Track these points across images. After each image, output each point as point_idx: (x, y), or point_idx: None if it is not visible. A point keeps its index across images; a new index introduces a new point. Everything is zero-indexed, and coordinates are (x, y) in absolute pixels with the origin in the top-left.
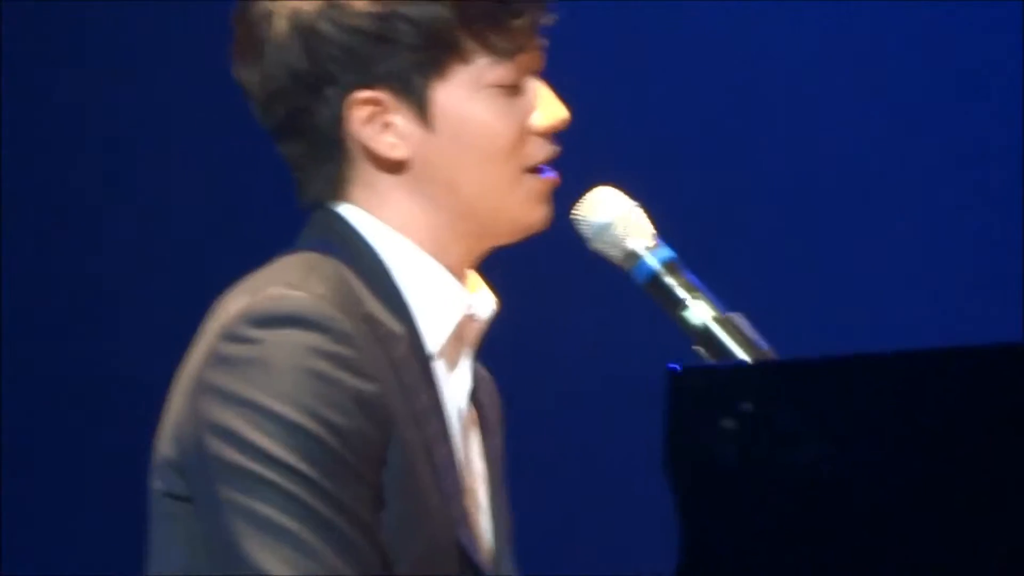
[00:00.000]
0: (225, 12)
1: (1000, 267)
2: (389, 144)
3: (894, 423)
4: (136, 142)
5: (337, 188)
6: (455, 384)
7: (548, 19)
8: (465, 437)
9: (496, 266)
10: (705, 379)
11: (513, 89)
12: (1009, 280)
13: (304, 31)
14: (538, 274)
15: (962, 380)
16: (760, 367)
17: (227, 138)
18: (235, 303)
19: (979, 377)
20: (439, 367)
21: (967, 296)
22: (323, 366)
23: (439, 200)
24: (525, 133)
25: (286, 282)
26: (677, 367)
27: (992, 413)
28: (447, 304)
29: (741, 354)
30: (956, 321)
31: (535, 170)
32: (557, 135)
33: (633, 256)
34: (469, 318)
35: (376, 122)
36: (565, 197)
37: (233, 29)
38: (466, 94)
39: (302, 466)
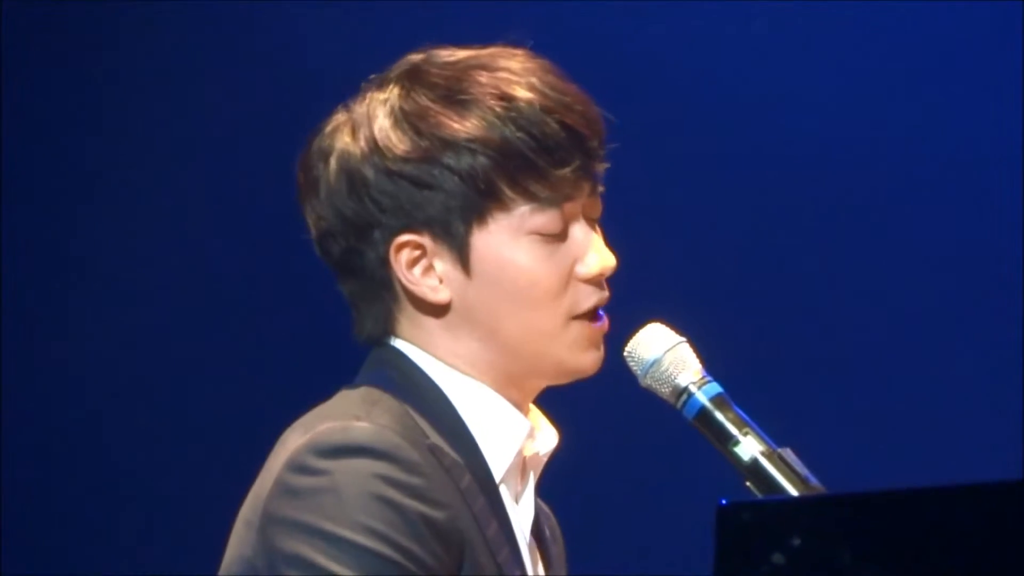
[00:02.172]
0: (227, 14)
1: (1000, 269)
2: (431, 287)
3: (943, 557)
4: (137, 143)
5: (388, 326)
6: (520, 515)
7: (599, 165)
8: (533, 566)
9: (551, 402)
10: (753, 514)
11: (557, 236)
12: (1009, 280)
13: (350, 175)
14: (591, 409)
15: (1012, 515)
16: (807, 501)
17: (228, 138)
18: (299, 436)
19: None
20: (504, 497)
21: (967, 298)
22: (392, 493)
23: (483, 342)
24: (570, 280)
25: (350, 415)
26: (725, 502)
27: None
28: (508, 431)
29: (791, 489)
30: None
31: (584, 316)
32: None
33: (682, 392)
34: (535, 454)
35: (419, 265)
36: (619, 331)
37: (298, 169)
38: (507, 240)
39: None
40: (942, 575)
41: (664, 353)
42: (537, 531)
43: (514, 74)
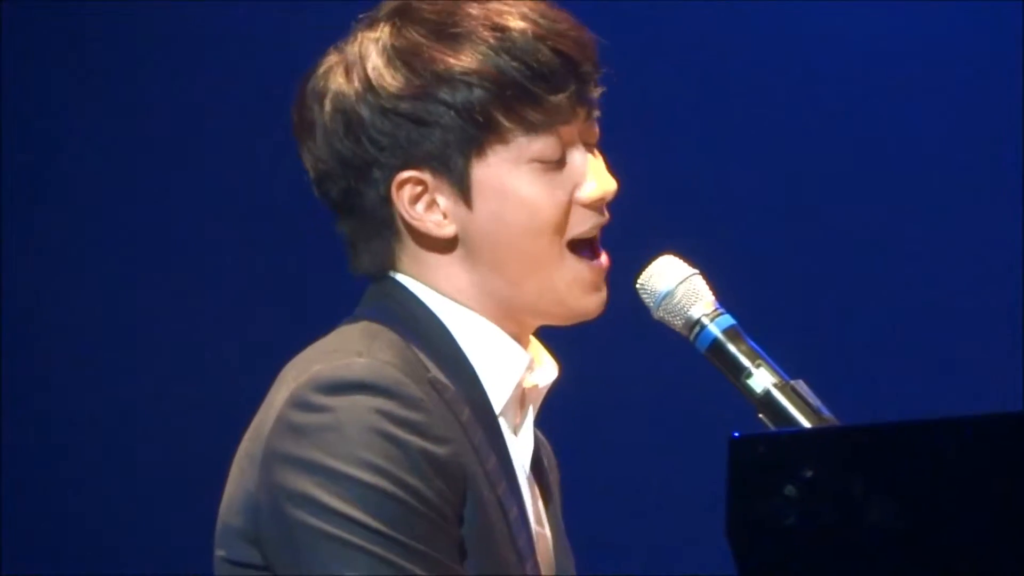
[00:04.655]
0: (227, 14)
1: (1000, 266)
2: (435, 223)
3: (954, 487)
4: (139, 143)
5: (388, 262)
6: (519, 447)
7: (594, 90)
8: (532, 499)
9: (559, 332)
10: (765, 446)
11: (556, 163)
12: (1009, 281)
13: (346, 115)
14: (601, 341)
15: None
16: (819, 433)
17: (229, 137)
18: (300, 372)
19: None
20: (504, 429)
21: (967, 297)
22: (394, 430)
23: (488, 277)
24: (570, 205)
25: (352, 350)
26: (738, 435)
27: None
28: (508, 363)
29: (803, 421)
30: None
31: (582, 255)
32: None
33: (695, 324)
34: (534, 386)
35: (421, 202)
36: (630, 263)
37: (292, 110)
38: (507, 171)
39: (384, 527)
40: (954, 506)
41: (677, 285)
42: (536, 463)
43: (505, 4)
